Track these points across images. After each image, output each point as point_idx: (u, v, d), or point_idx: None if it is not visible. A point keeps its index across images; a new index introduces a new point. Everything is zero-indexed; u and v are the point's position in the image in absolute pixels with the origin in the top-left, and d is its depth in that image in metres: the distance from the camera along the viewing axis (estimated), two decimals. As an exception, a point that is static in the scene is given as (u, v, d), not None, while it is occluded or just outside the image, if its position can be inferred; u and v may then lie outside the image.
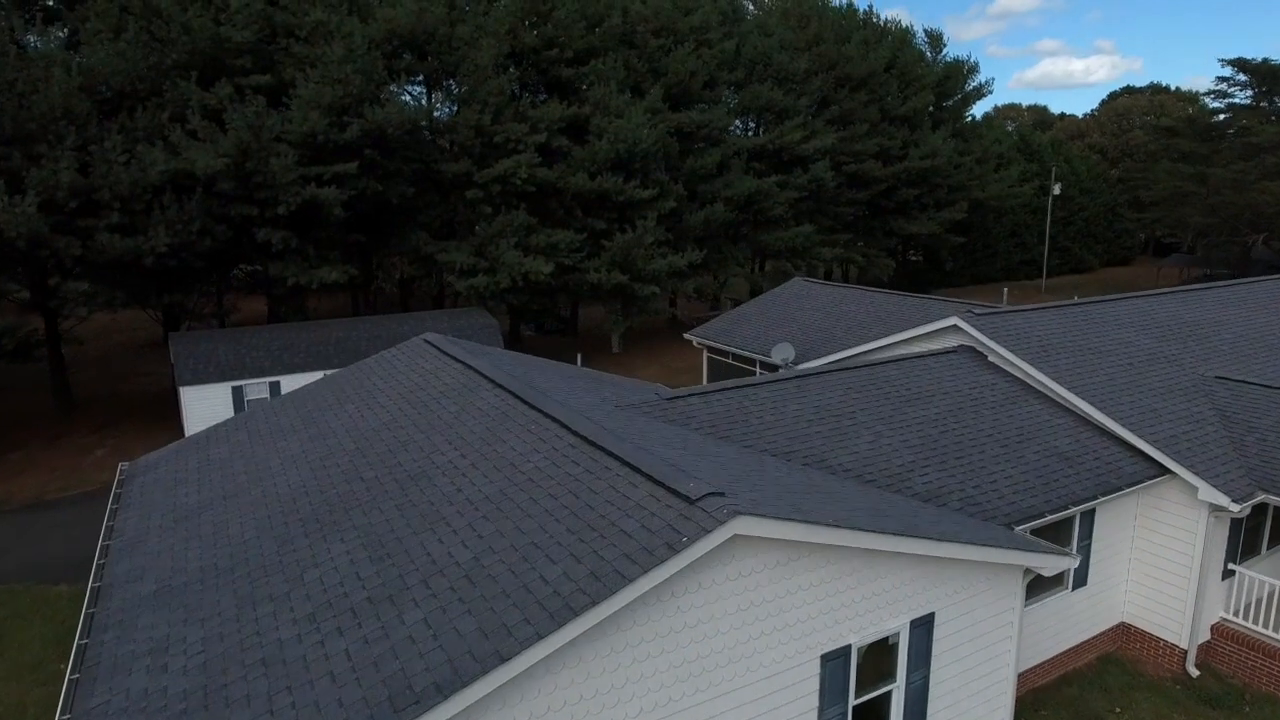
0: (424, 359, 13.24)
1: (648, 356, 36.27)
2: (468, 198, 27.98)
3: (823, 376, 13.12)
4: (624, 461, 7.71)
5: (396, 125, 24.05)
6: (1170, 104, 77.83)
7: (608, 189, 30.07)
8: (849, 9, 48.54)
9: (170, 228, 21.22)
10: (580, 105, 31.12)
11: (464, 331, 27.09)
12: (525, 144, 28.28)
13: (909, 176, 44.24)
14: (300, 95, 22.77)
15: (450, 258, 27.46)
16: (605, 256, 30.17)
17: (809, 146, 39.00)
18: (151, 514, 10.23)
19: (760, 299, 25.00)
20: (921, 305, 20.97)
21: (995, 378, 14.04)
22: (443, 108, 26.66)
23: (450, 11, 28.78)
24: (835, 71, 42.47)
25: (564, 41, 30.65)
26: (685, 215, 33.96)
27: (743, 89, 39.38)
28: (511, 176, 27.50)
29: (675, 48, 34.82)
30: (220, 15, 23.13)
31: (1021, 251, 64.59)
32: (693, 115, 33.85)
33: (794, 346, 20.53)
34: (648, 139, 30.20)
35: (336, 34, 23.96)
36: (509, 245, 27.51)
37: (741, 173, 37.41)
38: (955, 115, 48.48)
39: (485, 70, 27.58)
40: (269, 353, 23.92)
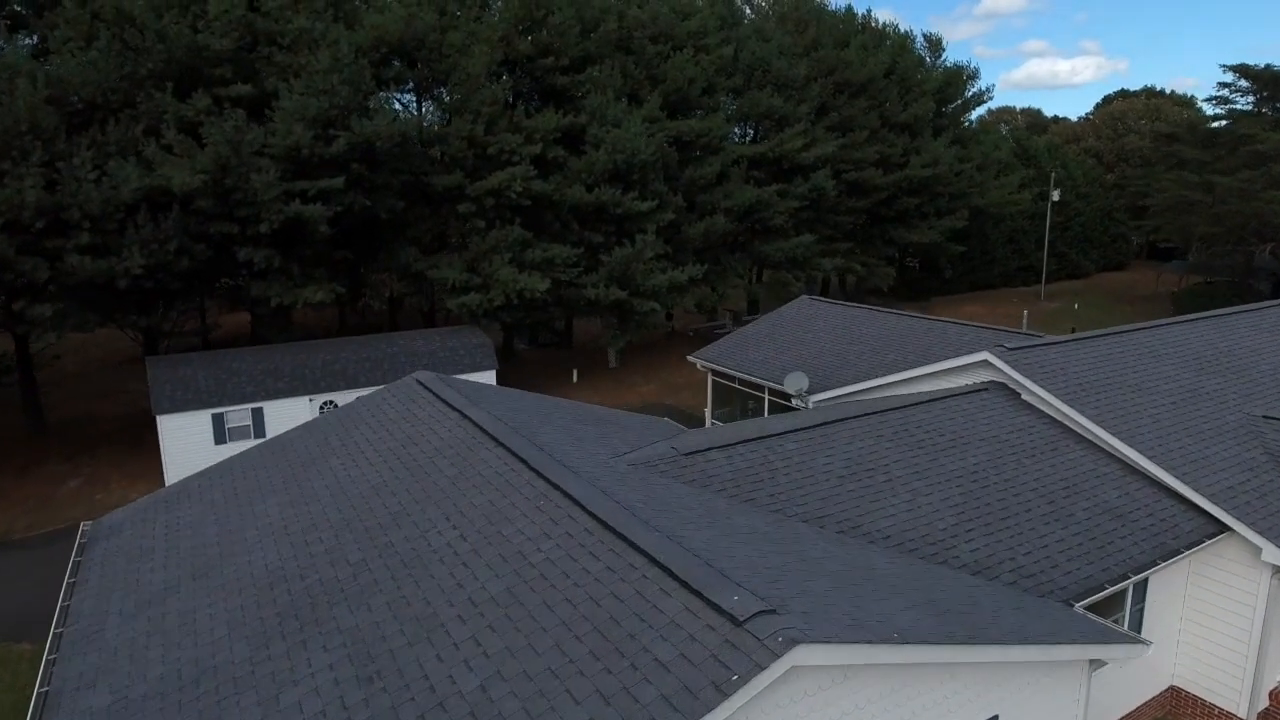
0: (417, 404, 12.17)
1: (646, 371, 35.26)
2: (460, 211, 26.87)
3: (850, 423, 12.12)
4: (651, 559, 6.67)
5: (386, 138, 22.92)
6: (1166, 108, 77.48)
7: (605, 201, 29.02)
8: (847, 12, 47.68)
9: (145, 248, 20.03)
10: (576, 114, 30.04)
11: (456, 351, 26.00)
12: (520, 155, 27.19)
13: (910, 185, 43.38)
14: (283, 107, 21.60)
15: (442, 274, 26.34)
16: (603, 271, 29.12)
17: (809, 155, 38.06)
18: (112, 593, 9.11)
19: (767, 319, 24.01)
20: (937, 330, 20.02)
21: (1032, 419, 13.09)
22: (433, 117, 25.53)
23: (441, 18, 27.67)
24: (834, 77, 41.54)
25: (559, 48, 29.57)
26: (684, 227, 32.95)
27: (741, 95, 38.38)
28: (506, 190, 26.41)
29: (673, 54, 33.79)
30: (198, 22, 21.94)
31: (1019, 258, 63.95)
32: (691, 123, 32.85)
33: (806, 374, 19.54)
34: (646, 149, 29.17)
35: (322, 42, 22.81)
36: (503, 261, 26.42)
37: (741, 182, 36.44)
38: (955, 122, 47.67)
39: (478, 79, 26.48)
40: (251, 378, 22.75)
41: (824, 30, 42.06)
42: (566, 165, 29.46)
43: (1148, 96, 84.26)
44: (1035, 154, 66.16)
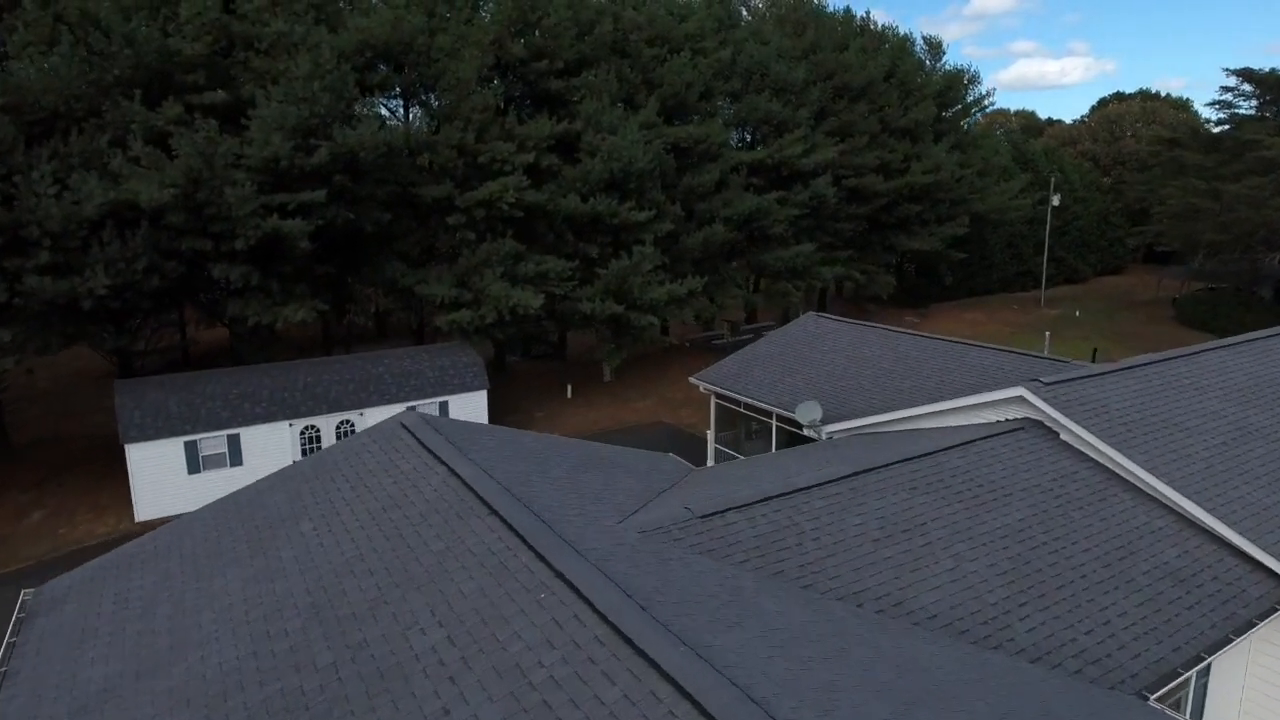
0: (400, 454, 10.96)
1: (643, 385, 34.09)
2: (449, 224, 25.63)
3: (879, 473, 10.99)
4: (679, 688, 5.50)
5: (370, 148, 21.66)
6: (1162, 110, 76.94)
7: (601, 211, 27.84)
8: (845, 14, 46.65)
9: (110, 267, 18.71)
10: (571, 120, 28.85)
11: (445, 371, 24.76)
12: (512, 164, 25.98)
13: (911, 192, 42.38)
14: (260, 116, 20.31)
15: (430, 290, 25.09)
16: (599, 285, 27.94)
17: (809, 161, 36.99)
18: (44, 692, 7.87)
19: (771, 338, 22.88)
20: (955, 353, 18.93)
21: (1075, 464, 11.99)
22: (421, 124, 24.23)
23: (430, 19, 26.42)
24: (834, 81, 40.49)
25: (553, 51, 28.37)
26: (682, 236, 31.80)
27: (739, 99, 37.27)
28: (497, 201, 25.19)
29: (670, 57, 32.64)
30: (169, 25, 20.62)
31: (1017, 263, 63.17)
32: (689, 129, 31.71)
33: (817, 400, 18.42)
34: (644, 158, 28.00)
35: (302, 46, 21.53)
36: (494, 276, 25.20)
37: (741, 189, 35.33)
38: (956, 127, 46.72)
39: (468, 84, 25.25)
40: (227, 402, 21.45)
41: (823, 33, 41.02)
42: (561, 174, 28.27)
43: (1143, 99, 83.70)
44: (1032, 158, 65.42)
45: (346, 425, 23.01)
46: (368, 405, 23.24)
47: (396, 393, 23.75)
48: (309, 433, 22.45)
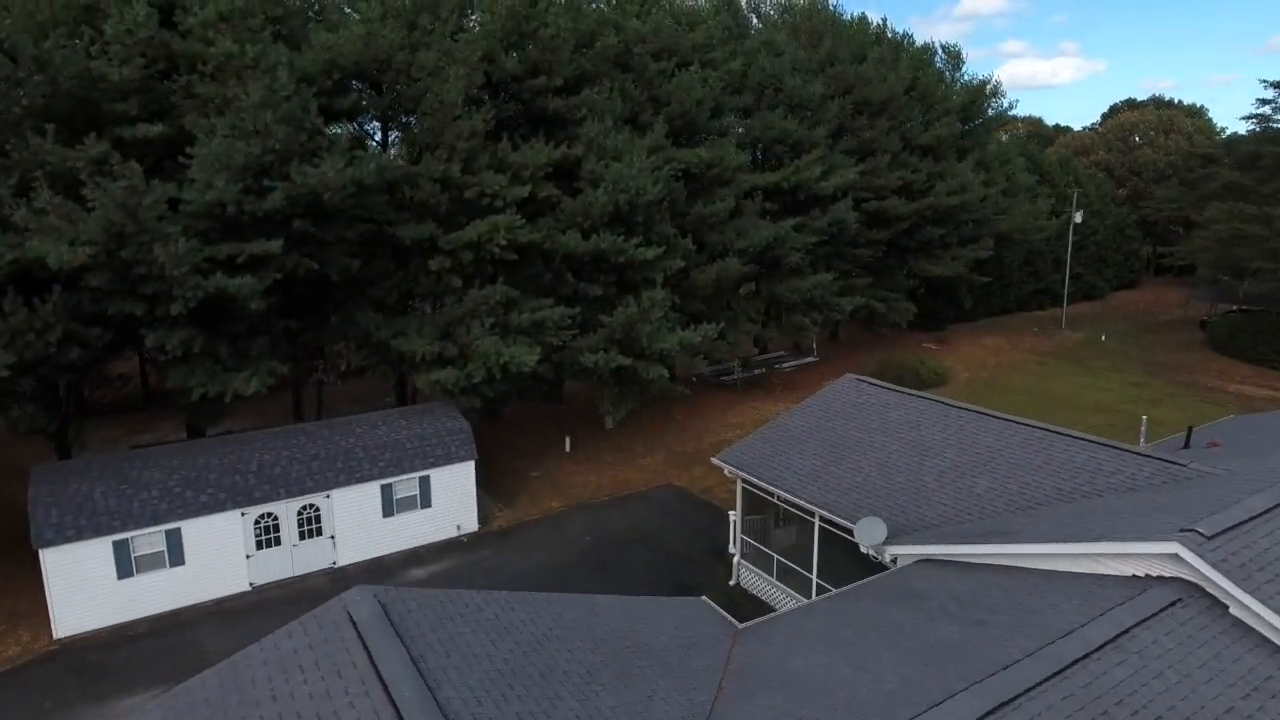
0: (340, 670, 7.71)
1: (648, 433, 30.85)
2: (431, 268, 22.35)
3: (1024, 705, 7.81)
4: None
5: (335, 189, 18.37)
6: (1178, 119, 74.22)
7: (605, 249, 24.61)
8: (860, 22, 43.54)
9: (15, 340, 15.38)
10: (570, 144, 25.61)
11: (426, 441, 21.49)
12: (504, 199, 22.72)
13: (934, 214, 39.31)
14: (201, 155, 16.98)
15: (409, 346, 21.80)
16: (602, 333, 24.71)
17: (828, 184, 33.87)
18: None
19: (807, 409, 19.69)
20: (1034, 442, 15.80)
21: (1267, 663, 8.85)
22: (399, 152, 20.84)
23: (410, 32, 23.12)
24: (852, 95, 37.38)
25: (551, 66, 25.10)
26: (693, 271, 28.60)
27: (751, 116, 34.10)
28: (487, 243, 21.93)
29: (678, 71, 29.43)
30: (93, 46, 17.26)
31: (1035, 280, 60.33)
32: (700, 153, 28.50)
33: (872, 501, 15.28)
34: (652, 188, 24.79)
35: (257, 69, 18.21)
36: (483, 329, 21.93)
37: (756, 215, 32.15)
38: (980, 143, 43.68)
39: (453, 107, 21.96)
40: (165, 490, 18.11)
41: (839, 43, 37.87)
42: (560, 206, 25.02)
43: (1156, 107, 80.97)
44: (1048, 169, 62.58)
45: (310, 510, 19.70)
46: (336, 485, 19.95)
47: (370, 469, 20.47)
48: (264, 521, 19.14)
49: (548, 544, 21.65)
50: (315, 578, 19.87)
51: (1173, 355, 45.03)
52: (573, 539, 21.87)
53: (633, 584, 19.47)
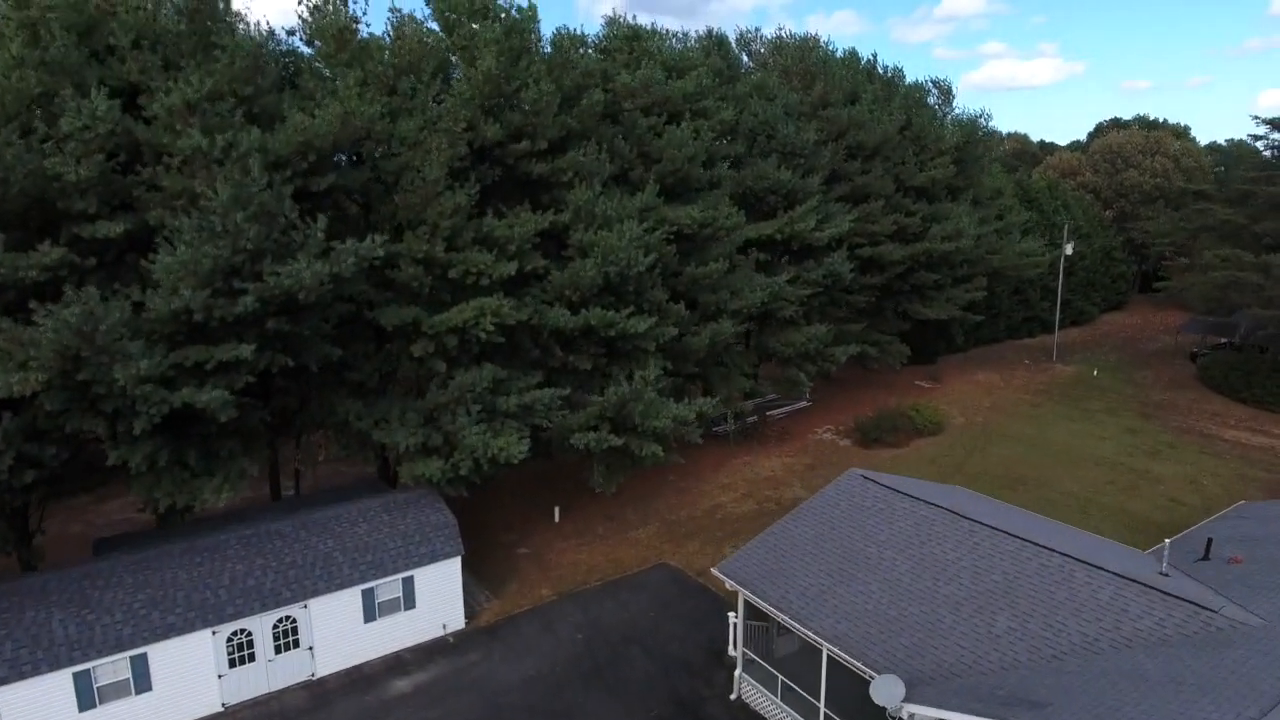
0: None
1: (640, 499, 29.86)
2: (414, 354, 21.27)
3: None
4: None
5: (311, 287, 17.26)
6: (1165, 140, 74.19)
7: (595, 324, 23.64)
8: (851, 57, 42.82)
9: (-37, 470, 14.20)
10: (558, 210, 24.62)
11: (410, 539, 20.45)
12: (490, 277, 21.68)
13: (928, 259, 38.66)
14: (165, 264, 15.84)
15: (391, 437, 20.72)
16: (594, 409, 23.72)
17: (822, 235, 33.06)
18: None
19: (809, 510, 18.81)
20: (1054, 569, 14.98)
21: None
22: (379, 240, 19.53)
23: (390, 97, 22.05)
24: (845, 139, 36.62)
25: (536, 130, 24.06)
26: (685, 336, 27.67)
27: (743, 165, 33.23)
28: (473, 328, 20.87)
29: (669, 126, 28.50)
30: (47, 143, 16.05)
31: (1025, 308, 60.01)
32: (693, 213, 27.56)
33: (880, 626, 14.42)
34: (643, 259, 23.83)
35: (227, 161, 17.08)
36: (469, 419, 20.87)
37: (750, 271, 31.29)
38: (973, 182, 43.06)
39: (434, 185, 20.90)
40: (131, 612, 16.94)
41: (832, 86, 37.06)
42: (548, 277, 24.02)
43: (1141, 127, 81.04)
44: (1036, 196, 62.30)
45: (286, 623, 18.58)
46: (314, 594, 18.84)
47: (350, 574, 19.37)
48: (238, 638, 18.01)
49: (538, 645, 20.62)
50: (292, 692, 18.75)
51: (1167, 394, 44.63)
52: (564, 639, 20.86)
53: (629, 697, 18.50)
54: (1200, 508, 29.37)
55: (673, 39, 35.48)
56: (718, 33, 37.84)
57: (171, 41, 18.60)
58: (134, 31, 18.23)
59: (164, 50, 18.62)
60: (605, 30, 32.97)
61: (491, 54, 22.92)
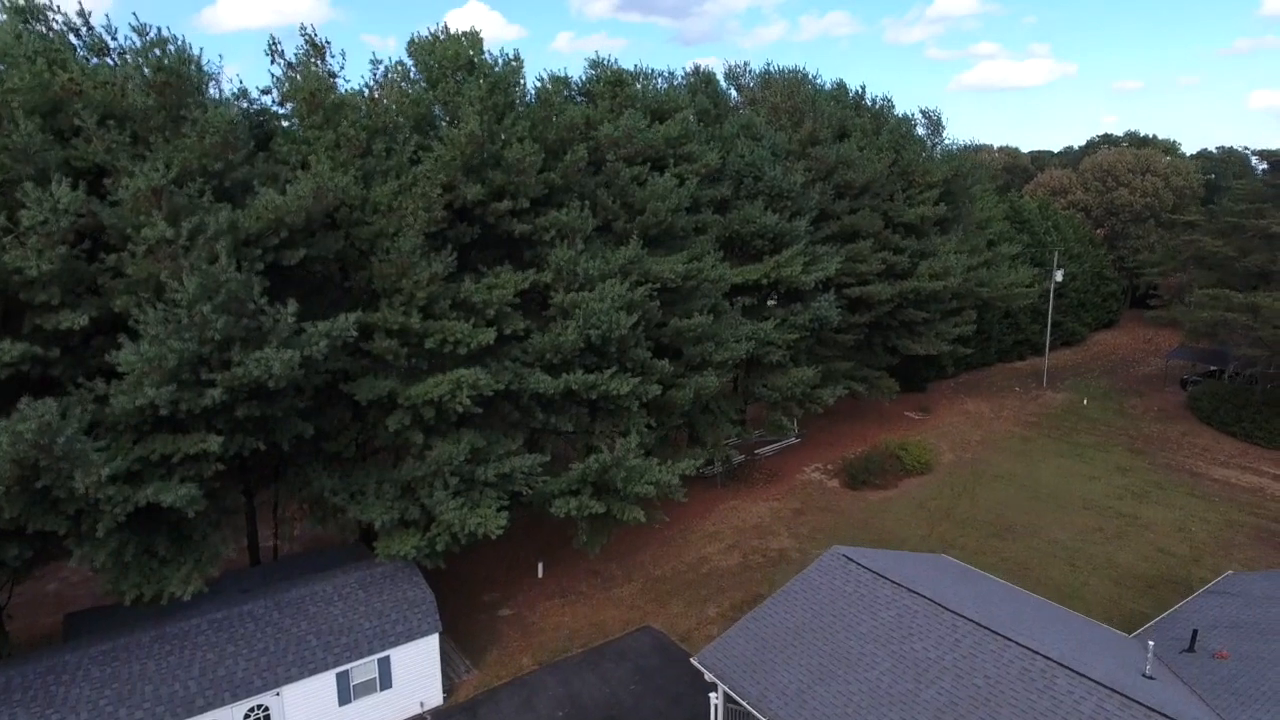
0: None
1: (625, 552, 29.53)
2: (389, 427, 20.93)
3: None
4: None
5: (281, 375, 16.91)
6: (1155, 158, 74.18)
7: (576, 388, 23.33)
8: (840, 90, 42.62)
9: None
10: (540, 269, 24.31)
11: (386, 618, 20.10)
12: (468, 346, 21.33)
13: (916, 297, 38.45)
14: (128, 362, 15.46)
15: (366, 513, 20.37)
16: (575, 474, 23.40)
17: (809, 278, 32.79)
18: None
19: (789, 595, 18.52)
20: (1036, 673, 14.72)
21: None
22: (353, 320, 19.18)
23: (364, 159, 21.71)
24: (834, 178, 36.38)
25: (517, 188, 23.73)
26: (669, 390, 27.36)
27: (730, 209, 32.97)
28: (450, 401, 20.52)
29: (652, 176, 28.18)
30: (7, 236, 15.66)
31: (1015, 332, 59.93)
32: (678, 266, 27.25)
33: (864, 752, 14.12)
34: (625, 322, 23.52)
35: (193, 249, 16.71)
36: (447, 492, 20.54)
37: (737, 318, 30.99)
38: (963, 214, 42.85)
39: (410, 256, 20.56)
40: (97, 710, 16.57)
41: (820, 122, 36.80)
42: (529, 339, 23.69)
43: (1131, 144, 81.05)
44: (1027, 218, 62.17)
45: (259, 711, 18.22)
46: (288, 680, 18.48)
47: (324, 657, 19.03)
48: None
49: (517, 725, 20.32)
50: (265, 782, 18.40)
51: (1157, 426, 44.52)
52: (545, 717, 20.53)
53: (608, 787, 18.20)
54: (1188, 558, 29.25)
55: (658, 79, 35.16)
56: (705, 70, 37.58)
57: (140, 117, 18.22)
58: (101, 109, 17.87)
59: (132, 127, 18.25)
60: (589, 74, 32.65)
61: (475, 114, 22.60)
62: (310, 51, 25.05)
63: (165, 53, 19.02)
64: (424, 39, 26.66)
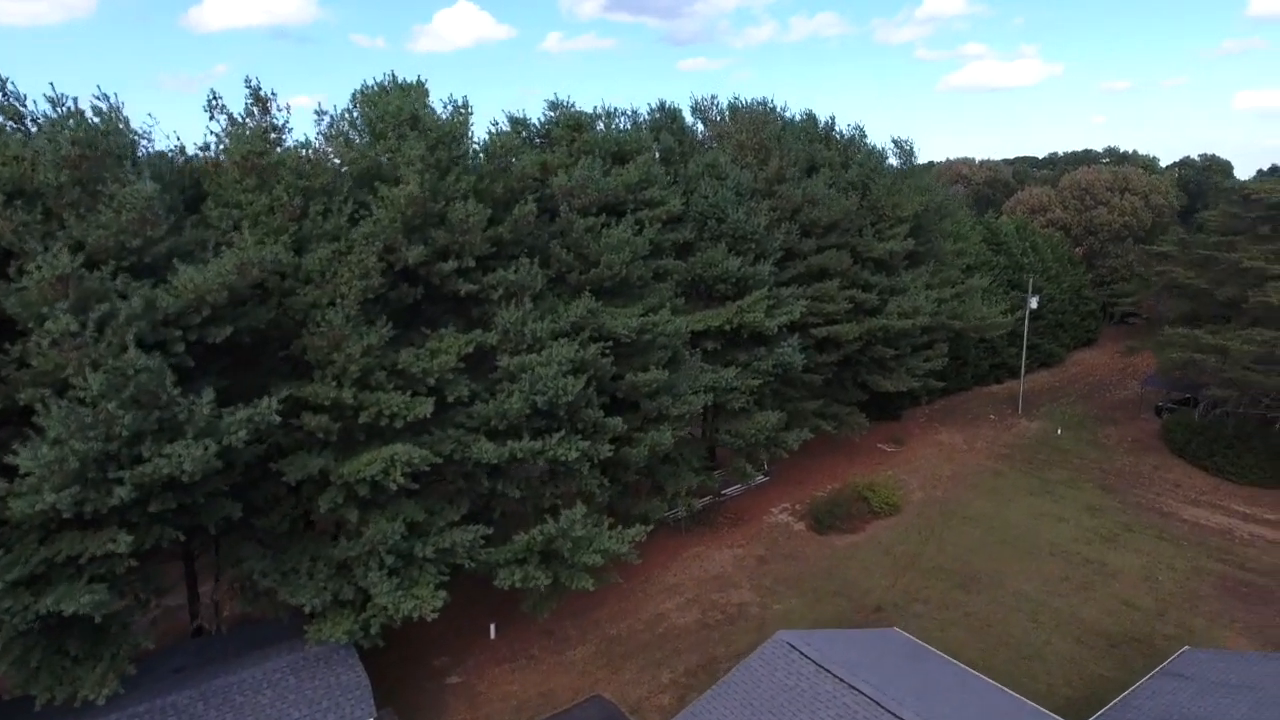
0: None
1: (581, 613, 28.74)
2: (320, 506, 20.24)
3: None
4: None
5: (196, 470, 16.21)
6: (1133, 177, 74.02)
7: (522, 456, 22.67)
8: (809, 121, 42.07)
9: None
10: (486, 328, 23.65)
11: (317, 705, 19.41)
12: (405, 418, 20.65)
13: (885, 335, 37.95)
14: (27, 465, 14.75)
15: (296, 595, 19.69)
16: (521, 543, 22.76)
17: (773, 323, 32.22)
18: None
19: (731, 687, 17.95)
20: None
21: None
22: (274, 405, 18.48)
23: (299, 222, 21.02)
24: (800, 217, 35.82)
25: (462, 248, 23.07)
26: (623, 447, 26.73)
27: (692, 252, 32.37)
28: (383, 479, 19.84)
29: (606, 227, 27.54)
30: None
31: (991, 356, 59.55)
32: (632, 320, 26.61)
33: None
34: (572, 390, 22.87)
35: (103, 339, 15.98)
36: (382, 572, 19.88)
37: (698, 365, 30.36)
38: (934, 248, 42.39)
39: (342, 329, 19.87)
40: (0, 824, 15.83)
41: (788, 160, 36.21)
42: (473, 406, 23.01)
43: (1110, 160, 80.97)
44: (1005, 240, 61.87)
45: (177, 814, 17.54)
46: (208, 779, 17.78)
47: (248, 753, 18.33)
48: (122, 838, 16.94)
49: (454, 815, 19.67)
50: None
51: (1129, 459, 44.18)
52: (482, 807, 19.91)
53: None
54: (1153, 611, 28.85)
55: (621, 117, 34.56)
56: (670, 106, 36.95)
57: (52, 194, 17.48)
58: (10, 185, 17.13)
59: (44, 203, 17.52)
60: (547, 116, 32.02)
61: (416, 173, 21.92)
62: (253, 104, 24.37)
63: (81, 124, 18.30)
64: (371, 89, 26.03)
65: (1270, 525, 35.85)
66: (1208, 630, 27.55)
